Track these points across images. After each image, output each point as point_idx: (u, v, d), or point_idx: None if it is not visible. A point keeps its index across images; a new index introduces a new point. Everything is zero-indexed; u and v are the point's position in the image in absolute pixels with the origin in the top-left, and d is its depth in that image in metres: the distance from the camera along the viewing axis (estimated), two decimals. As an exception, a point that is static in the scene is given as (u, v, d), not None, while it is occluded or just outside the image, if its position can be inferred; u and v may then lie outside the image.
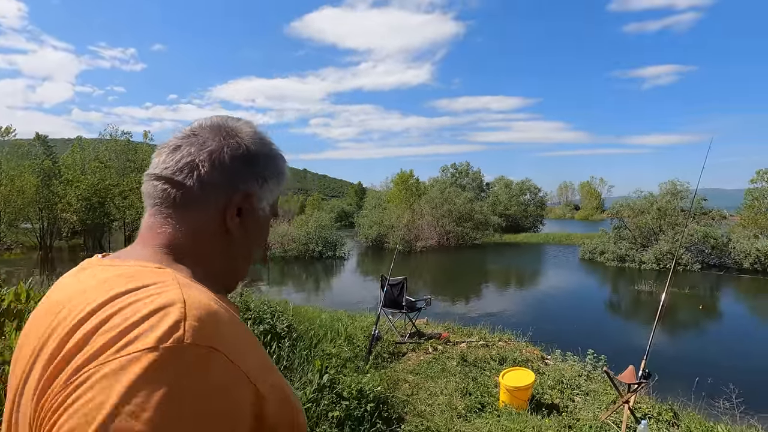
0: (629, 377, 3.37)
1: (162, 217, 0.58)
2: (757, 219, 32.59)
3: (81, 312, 0.45)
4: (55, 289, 0.56)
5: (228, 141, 0.60)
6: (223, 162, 0.59)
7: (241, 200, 0.60)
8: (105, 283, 0.48)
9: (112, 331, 0.40)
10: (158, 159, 0.61)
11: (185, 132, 0.62)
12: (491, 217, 35.15)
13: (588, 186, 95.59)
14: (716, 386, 4.78)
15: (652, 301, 14.96)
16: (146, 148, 36.05)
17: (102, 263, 0.55)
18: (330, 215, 36.73)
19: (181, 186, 0.57)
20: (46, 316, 0.50)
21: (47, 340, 0.46)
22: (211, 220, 0.59)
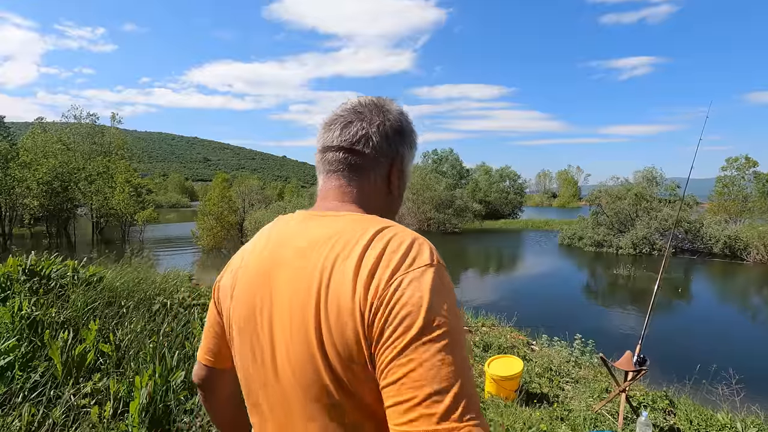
0: (627, 364, 3.07)
1: (346, 179, 0.73)
2: (727, 206, 33.63)
3: (359, 242, 0.61)
4: (287, 234, 0.69)
5: (387, 116, 0.75)
6: (387, 133, 0.74)
7: (400, 165, 0.77)
8: (356, 223, 0.65)
9: (397, 253, 0.59)
10: (332, 133, 0.74)
11: (347, 109, 0.76)
12: (471, 203, 35.10)
13: (565, 174, 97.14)
14: (707, 368, 4.58)
15: (630, 285, 15.09)
16: (114, 131, 34.27)
17: (326, 215, 0.69)
18: (309, 202, 36.03)
19: (360, 154, 0.73)
20: (317, 247, 0.63)
21: (336, 259, 0.61)
22: (379, 179, 0.75)
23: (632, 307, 12.32)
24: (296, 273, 0.64)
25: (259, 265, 0.69)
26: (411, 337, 0.53)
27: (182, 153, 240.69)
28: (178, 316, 2.86)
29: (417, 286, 0.55)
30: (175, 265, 18.88)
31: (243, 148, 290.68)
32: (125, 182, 25.50)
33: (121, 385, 2.21)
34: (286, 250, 0.67)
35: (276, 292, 0.66)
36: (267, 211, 24.93)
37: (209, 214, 20.86)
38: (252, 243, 0.76)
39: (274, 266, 0.67)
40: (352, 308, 0.57)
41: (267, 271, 0.68)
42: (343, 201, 0.72)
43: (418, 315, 0.54)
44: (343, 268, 0.59)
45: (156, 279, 3.34)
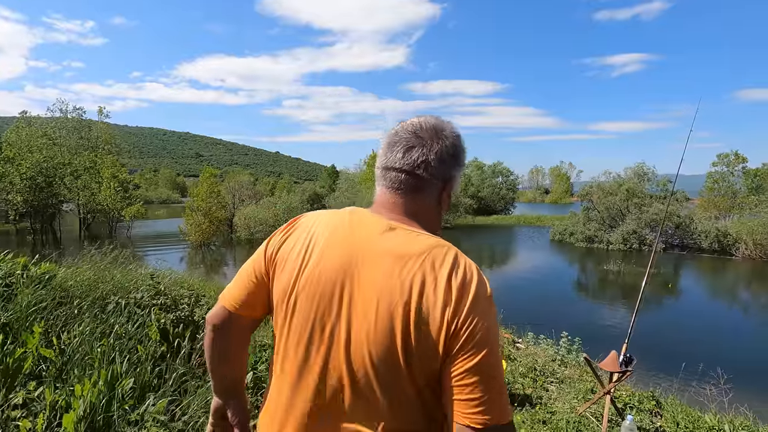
0: (612, 365, 2.93)
1: (406, 197, 0.86)
2: (716, 201, 33.91)
3: (445, 265, 0.78)
4: (369, 234, 0.82)
5: (444, 142, 0.86)
6: (443, 159, 0.86)
7: (450, 184, 0.89)
8: (437, 247, 0.80)
9: (473, 280, 0.78)
10: (394, 155, 0.86)
11: (409, 131, 0.87)
12: (463, 199, 35.02)
13: (558, 170, 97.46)
14: (695, 367, 4.48)
15: (620, 281, 15.08)
16: (101, 125, 33.66)
17: (405, 229, 0.83)
18: (300, 198, 35.70)
19: (419, 177, 0.85)
20: (399, 261, 0.78)
21: (426, 275, 0.77)
22: (432, 198, 0.88)
23: (621, 303, 12.28)
24: (390, 275, 0.78)
25: (343, 249, 0.82)
26: (483, 354, 0.73)
27: (174, 148, 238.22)
28: (134, 316, 2.66)
29: (488, 312, 0.76)
30: (163, 261, 18.63)
31: (236, 144, 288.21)
32: (111, 177, 25.02)
33: (60, 394, 2.02)
34: (377, 250, 0.80)
35: (363, 282, 0.79)
36: (257, 207, 24.64)
37: (197, 209, 20.53)
38: (326, 222, 0.87)
39: (362, 258, 0.80)
40: (441, 324, 0.74)
41: (352, 258, 0.81)
42: (406, 215, 0.86)
43: (488, 334, 0.75)
44: (438, 290, 0.76)
45: (116, 276, 3.14)
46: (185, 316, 2.78)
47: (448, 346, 0.74)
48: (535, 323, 8.93)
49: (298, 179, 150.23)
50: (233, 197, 27.54)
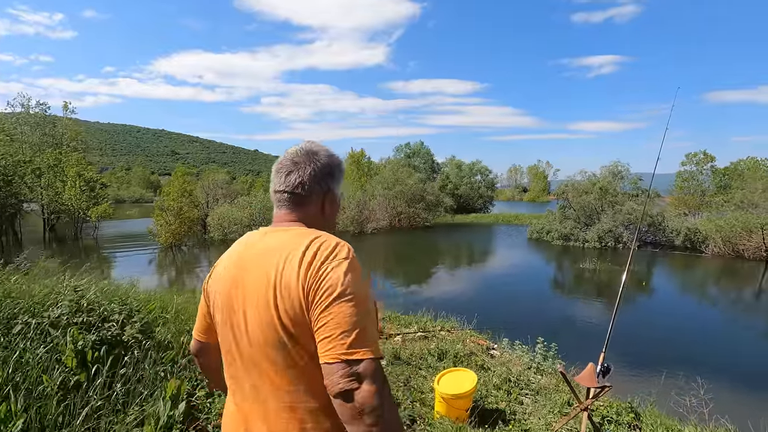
0: (589, 380, 2.72)
1: (290, 209, 1.04)
2: (686, 199, 34.89)
3: (301, 245, 0.92)
4: (251, 243, 1.02)
5: (316, 164, 1.05)
6: (317, 176, 1.04)
7: (327, 195, 1.06)
8: (299, 236, 0.96)
9: (325, 251, 0.91)
10: (279, 179, 1.06)
11: (288, 159, 1.06)
12: (443, 197, 35.00)
13: (535, 169, 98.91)
14: (672, 370, 4.34)
15: (596, 279, 15.19)
16: (67, 121, 32.16)
17: (278, 230, 1.01)
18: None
19: (298, 195, 1.03)
20: (272, 252, 0.95)
21: (286, 259, 0.92)
22: (315, 208, 1.05)
23: (597, 302, 12.32)
24: (259, 268, 0.94)
25: (234, 265, 1.00)
26: (332, 299, 0.86)
27: (148, 146, 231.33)
28: (47, 338, 2.28)
29: (336, 270, 0.88)
30: (129, 264, 17.80)
31: (213, 141, 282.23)
32: (77, 176, 23.85)
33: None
34: (252, 253, 0.98)
35: (246, 282, 0.95)
36: (232, 207, 23.93)
37: (167, 209, 19.73)
38: (229, 250, 1.08)
39: (244, 265, 0.98)
40: (297, 286, 0.88)
41: (239, 269, 0.98)
42: (288, 220, 1.04)
43: (336, 286, 0.86)
44: (292, 263, 0.91)
45: (35, 290, 2.73)
46: (111, 336, 2.42)
47: (307, 302, 0.88)
48: (511, 324, 8.81)
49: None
50: (207, 196, 26.70)
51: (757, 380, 6.79)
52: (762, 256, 18.37)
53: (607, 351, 3.17)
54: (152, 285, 13.33)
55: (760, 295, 14.28)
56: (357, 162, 34.38)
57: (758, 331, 10.43)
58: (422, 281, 14.94)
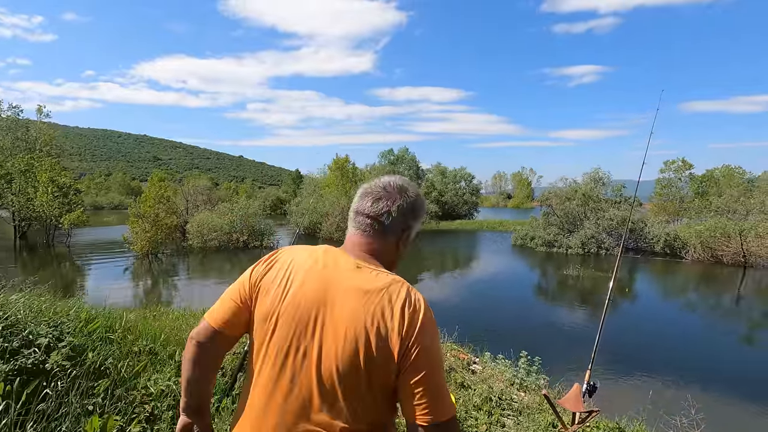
0: (575, 402, 2.50)
1: (370, 238, 1.07)
2: (666, 206, 35.55)
3: (399, 298, 0.97)
4: (342, 271, 1.02)
5: (406, 199, 1.08)
6: (404, 212, 1.07)
7: (409, 233, 1.10)
8: (394, 283, 1.00)
9: (419, 305, 0.97)
10: (364, 203, 1.08)
11: (380, 187, 1.10)
12: (427, 204, 34.89)
13: (519, 176, 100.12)
14: (659, 378, 4.16)
15: (580, 286, 15.16)
16: (41, 125, 31.12)
17: (369, 268, 1.03)
18: (262, 203, 34.44)
19: (381, 223, 1.06)
20: (369, 293, 0.98)
21: (384, 305, 0.96)
22: (392, 242, 1.08)
23: (581, 309, 12.25)
24: (356, 306, 0.96)
25: (318, 284, 1.00)
26: (429, 361, 0.93)
27: (129, 151, 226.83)
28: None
29: (431, 332, 0.96)
30: (103, 273, 17.11)
31: (197, 147, 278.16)
32: (49, 181, 22.99)
33: None
34: (346, 286, 0.99)
35: (335, 311, 0.97)
36: (212, 213, 23.35)
37: (143, 216, 19.09)
38: (304, 258, 1.06)
39: (335, 291, 0.99)
40: (394, 346, 0.93)
41: (326, 291, 0.99)
42: (370, 254, 1.06)
43: (432, 349, 0.94)
44: (390, 318, 0.94)
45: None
46: (33, 365, 2.09)
47: (402, 362, 0.93)
48: (495, 332, 8.61)
49: (263, 184, 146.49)
50: (187, 203, 26.06)
51: (740, 386, 6.72)
52: (740, 262, 18.67)
53: (594, 361, 2.96)
54: (125, 295, 12.77)
55: (739, 300, 14.44)
56: (341, 168, 34.09)
57: (738, 335, 10.49)
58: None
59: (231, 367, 3.27)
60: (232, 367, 3.27)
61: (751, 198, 24.68)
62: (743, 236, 18.59)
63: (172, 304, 11.80)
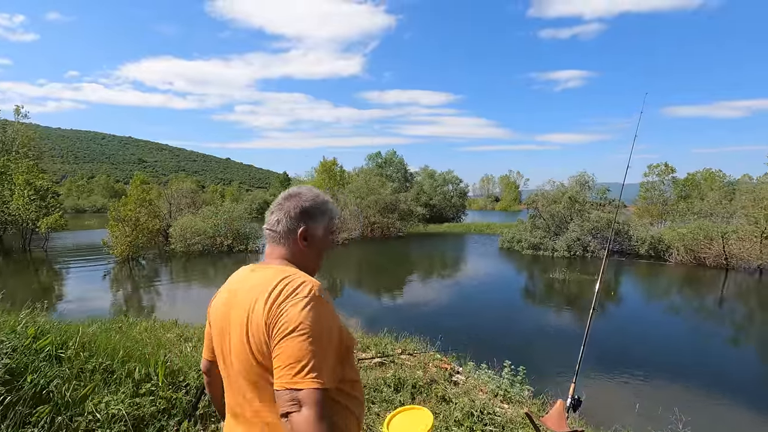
0: (558, 421, 2.35)
1: (272, 248, 1.21)
2: (649, 209, 36.07)
3: (271, 284, 1.05)
4: (241, 279, 1.18)
5: (294, 203, 1.20)
6: (291, 215, 1.19)
7: (303, 232, 1.19)
8: (275, 273, 1.09)
9: (288, 290, 1.03)
10: (267, 218, 1.23)
11: (276, 203, 1.23)
12: (416, 207, 34.84)
13: (507, 179, 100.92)
14: (644, 382, 4.05)
15: (566, 290, 15.17)
16: (18, 126, 30.25)
17: (263, 267, 1.16)
18: (249, 206, 33.98)
19: (275, 233, 1.20)
20: (252, 290, 1.09)
21: (258, 297, 1.05)
22: (294, 245, 1.19)
23: (567, 314, 12.22)
24: (241, 304, 1.09)
25: (226, 297, 1.17)
26: (285, 333, 0.98)
27: (114, 153, 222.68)
28: None
29: (294, 308, 1.00)
30: (82, 279, 16.58)
31: (183, 149, 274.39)
32: (26, 184, 22.29)
33: None
34: (242, 288, 1.13)
35: (232, 316, 1.11)
36: (196, 217, 22.90)
37: (123, 220, 18.59)
38: (230, 279, 1.23)
39: (234, 298, 1.13)
40: (261, 323, 1.02)
41: (229, 302, 1.14)
42: (274, 257, 1.19)
43: (290, 322, 0.98)
44: (260, 301, 1.04)
45: None
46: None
47: (269, 335, 1.01)
48: (480, 337, 8.49)
49: (250, 187, 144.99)
50: (170, 206, 25.53)
51: (725, 387, 6.70)
52: (722, 264, 18.92)
53: (578, 373, 2.84)
54: (102, 303, 12.35)
55: (722, 303, 14.59)
56: (329, 171, 33.82)
57: (723, 337, 10.56)
58: (394, 292, 14.53)
59: (196, 384, 3.06)
60: (197, 384, 3.06)
61: (732, 201, 25.12)
62: (725, 239, 18.85)
63: (154, 311, 11.46)
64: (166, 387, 2.87)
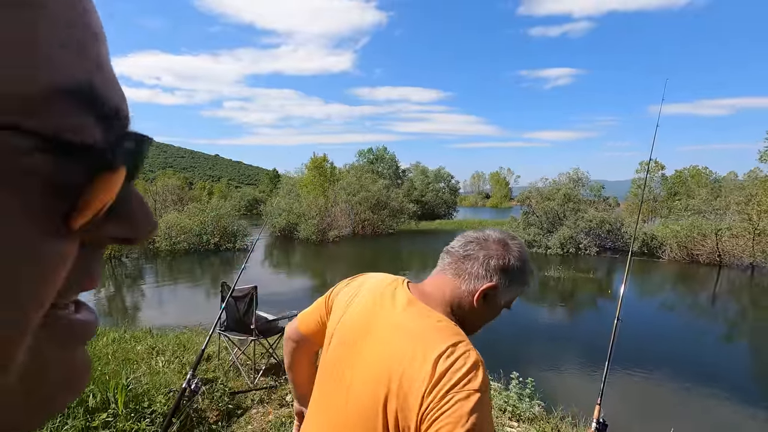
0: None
1: (446, 277, 0.96)
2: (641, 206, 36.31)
3: (436, 349, 0.81)
4: (387, 301, 0.96)
5: (498, 252, 0.95)
6: (488, 263, 0.93)
7: (488, 289, 0.93)
8: (439, 332, 0.85)
9: (458, 372, 0.78)
10: (455, 242, 1.01)
11: (478, 236, 0.99)
12: (407, 204, 34.51)
13: (497, 176, 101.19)
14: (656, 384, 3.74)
15: (561, 288, 14.95)
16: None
17: (421, 306, 0.93)
18: (238, 203, 33.34)
19: (459, 266, 0.96)
20: (407, 335, 0.87)
21: (417, 355, 0.82)
22: (469, 291, 0.93)
23: (565, 312, 11.97)
24: (386, 343, 0.88)
25: (367, 311, 0.96)
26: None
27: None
28: None
29: (462, 406, 0.76)
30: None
31: (171, 146, 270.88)
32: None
33: None
34: (392, 318, 0.92)
35: (370, 342, 0.91)
36: (181, 214, 22.23)
37: (105, 217, 17.86)
38: (373, 283, 1.04)
39: (377, 322, 0.93)
40: (415, 403, 0.80)
41: (369, 321, 0.94)
42: (438, 295, 0.95)
43: (456, 424, 0.75)
44: (419, 367, 0.80)
45: None
46: None
47: (422, 419, 0.79)
48: (475, 342, 8.13)
49: (240, 183, 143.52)
50: (155, 203, 24.82)
51: (718, 385, 6.48)
52: (715, 261, 18.90)
53: (603, 393, 2.48)
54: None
55: (716, 300, 14.50)
56: (319, 167, 33.27)
57: (717, 335, 10.43)
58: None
59: (162, 410, 2.62)
60: (164, 410, 2.62)
61: (718, 198, 25.23)
62: (719, 236, 18.82)
63: (135, 313, 10.93)
64: (126, 416, 2.43)
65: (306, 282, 16.18)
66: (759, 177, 24.86)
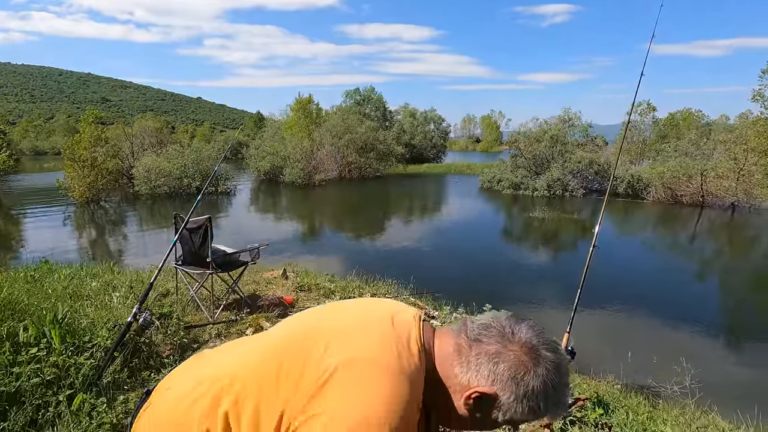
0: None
1: (454, 353, 0.76)
2: (630, 148, 36.02)
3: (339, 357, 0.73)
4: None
5: (519, 358, 0.71)
6: (498, 366, 0.71)
7: (484, 396, 0.72)
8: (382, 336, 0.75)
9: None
10: (483, 318, 0.79)
11: (511, 325, 0.75)
12: (395, 147, 33.77)
13: (488, 119, 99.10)
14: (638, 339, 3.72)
15: (544, 228, 15.04)
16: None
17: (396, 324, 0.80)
18: (222, 146, 32.27)
19: (467, 353, 0.74)
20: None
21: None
22: (464, 390, 0.73)
23: (546, 252, 12.09)
24: (339, 311, 0.87)
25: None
26: None
27: (73, 92, 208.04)
28: None
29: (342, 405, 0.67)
30: (39, 224, 15.51)
31: (150, 87, 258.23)
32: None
33: None
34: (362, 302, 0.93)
35: (336, 308, 0.90)
36: (160, 157, 21.45)
37: (78, 160, 17.16)
38: None
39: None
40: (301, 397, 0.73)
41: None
42: (450, 362, 0.76)
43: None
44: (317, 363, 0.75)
45: None
46: None
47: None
48: (458, 279, 8.18)
49: (223, 127, 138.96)
50: (131, 145, 23.85)
51: (689, 319, 6.66)
52: (698, 202, 19.10)
53: (573, 322, 2.37)
54: (64, 248, 11.50)
55: (694, 239, 14.79)
56: (304, 109, 31.97)
57: (691, 273, 10.71)
58: (369, 233, 14.09)
59: (105, 345, 2.45)
60: (107, 345, 2.45)
61: (707, 141, 25.08)
62: (704, 176, 18.86)
63: (114, 256, 10.75)
64: (63, 351, 2.25)
65: (293, 226, 16.03)
66: (750, 119, 24.59)
